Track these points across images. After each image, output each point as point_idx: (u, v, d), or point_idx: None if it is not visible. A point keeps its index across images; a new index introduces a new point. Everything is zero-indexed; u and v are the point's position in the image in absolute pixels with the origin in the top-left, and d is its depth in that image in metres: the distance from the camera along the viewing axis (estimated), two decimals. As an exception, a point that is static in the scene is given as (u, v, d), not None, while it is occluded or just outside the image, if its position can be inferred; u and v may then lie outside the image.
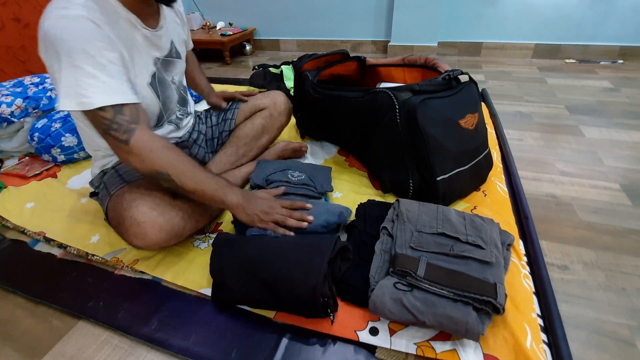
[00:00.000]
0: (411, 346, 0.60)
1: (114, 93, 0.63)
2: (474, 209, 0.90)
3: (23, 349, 0.67)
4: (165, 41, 0.82)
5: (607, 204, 0.97)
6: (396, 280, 0.63)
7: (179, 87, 0.93)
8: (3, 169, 1.25)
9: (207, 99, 1.15)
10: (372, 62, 1.30)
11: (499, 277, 0.61)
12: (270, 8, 2.76)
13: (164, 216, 0.72)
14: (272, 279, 0.64)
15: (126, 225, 0.70)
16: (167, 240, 0.74)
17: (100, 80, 0.61)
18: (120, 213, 0.71)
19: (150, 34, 0.77)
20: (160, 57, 0.82)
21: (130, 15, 0.71)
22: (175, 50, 0.88)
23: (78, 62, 0.59)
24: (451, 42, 2.47)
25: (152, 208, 0.71)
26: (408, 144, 0.87)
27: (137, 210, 0.70)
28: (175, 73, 0.89)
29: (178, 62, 0.89)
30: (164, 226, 0.72)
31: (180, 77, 0.93)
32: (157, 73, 0.81)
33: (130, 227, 0.70)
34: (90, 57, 0.60)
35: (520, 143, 1.30)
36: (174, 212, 0.75)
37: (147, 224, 0.70)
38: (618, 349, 0.62)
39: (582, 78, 1.94)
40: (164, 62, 0.83)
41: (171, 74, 0.87)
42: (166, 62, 0.84)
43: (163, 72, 0.83)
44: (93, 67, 0.60)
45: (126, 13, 0.70)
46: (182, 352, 0.63)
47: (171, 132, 0.92)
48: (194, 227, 0.82)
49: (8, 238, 0.95)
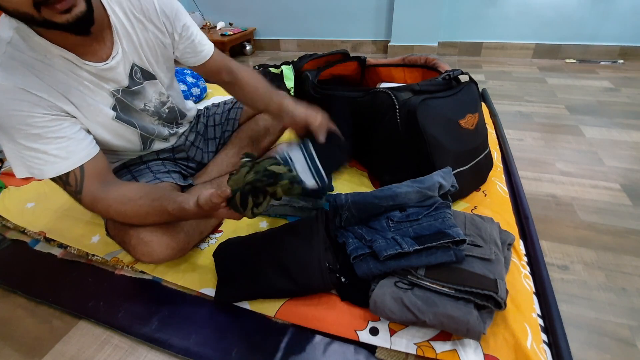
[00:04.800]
0: (411, 346, 0.59)
1: (57, 162, 0.62)
2: (474, 209, 0.90)
3: (23, 349, 0.67)
4: (121, 71, 0.69)
5: (607, 204, 0.97)
6: (397, 279, 0.63)
7: (162, 112, 0.83)
8: (3, 169, 1.26)
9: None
10: (372, 62, 1.30)
11: (500, 274, 0.61)
12: (270, 8, 2.75)
13: (169, 233, 0.73)
14: (278, 260, 0.67)
15: (132, 244, 0.71)
16: (174, 256, 0.74)
17: (41, 151, 0.60)
18: (125, 231, 0.72)
19: (98, 70, 0.65)
20: (119, 88, 0.71)
21: (65, 53, 0.60)
22: (143, 73, 0.74)
23: (14, 137, 0.58)
24: (451, 42, 2.47)
25: (157, 227, 0.71)
26: (408, 144, 0.87)
27: (143, 229, 0.70)
28: (149, 99, 0.78)
29: (151, 84, 0.77)
30: (170, 243, 0.72)
31: (163, 98, 0.82)
32: (119, 106, 0.72)
33: (137, 245, 0.70)
34: (22, 132, 0.58)
35: (521, 143, 1.30)
36: (179, 228, 0.75)
37: (154, 243, 0.70)
38: (618, 349, 0.62)
39: (582, 78, 1.93)
40: (127, 92, 0.73)
41: (142, 101, 0.77)
42: (131, 92, 0.74)
43: (128, 102, 0.74)
44: (27, 140, 0.58)
45: (60, 51, 0.60)
46: (182, 352, 0.63)
47: (163, 144, 0.90)
48: (198, 239, 0.83)
49: (8, 238, 0.95)
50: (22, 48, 0.57)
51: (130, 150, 0.83)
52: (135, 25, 0.70)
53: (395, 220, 0.72)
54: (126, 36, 0.69)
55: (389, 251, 0.63)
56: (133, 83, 0.73)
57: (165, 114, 0.86)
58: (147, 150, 0.87)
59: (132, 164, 0.87)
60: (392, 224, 0.72)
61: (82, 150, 0.65)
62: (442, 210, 0.71)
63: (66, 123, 0.63)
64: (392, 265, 0.63)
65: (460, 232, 0.64)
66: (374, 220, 0.75)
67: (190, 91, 1.70)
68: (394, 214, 0.73)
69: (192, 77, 1.73)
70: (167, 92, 0.83)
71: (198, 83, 1.74)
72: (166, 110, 0.85)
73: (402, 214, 0.73)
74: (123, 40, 0.68)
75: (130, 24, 0.69)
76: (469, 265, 0.62)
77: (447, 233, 0.64)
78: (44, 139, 0.60)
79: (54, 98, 0.60)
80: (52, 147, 0.60)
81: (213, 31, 2.72)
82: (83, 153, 0.65)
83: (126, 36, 0.69)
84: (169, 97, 0.85)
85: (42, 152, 0.60)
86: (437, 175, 0.77)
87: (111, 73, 0.68)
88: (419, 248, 0.62)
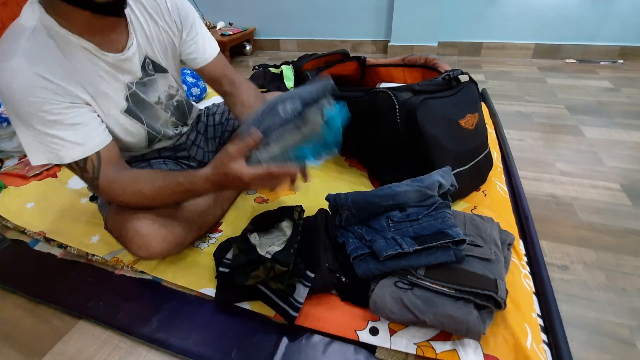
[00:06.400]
0: (411, 346, 0.59)
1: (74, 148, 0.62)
2: (474, 209, 0.90)
3: (23, 349, 0.67)
4: (136, 62, 0.72)
5: (607, 204, 0.97)
6: (397, 279, 0.63)
7: (170, 105, 0.84)
8: (3, 169, 1.25)
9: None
10: (372, 62, 1.30)
11: (499, 274, 0.62)
12: (270, 8, 2.75)
13: (166, 227, 0.73)
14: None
15: (129, 237, 0.71)
16: (170, 250, 0.74)
17: (58, 137, 0.61)
18: (122, 224, 0.72)
19: (115, 60, 0.67)
20: (134, 80, 0.73)
21: (85, 42, 0.62)
22: (154, 65, 0.77)
23: (32, 123, 0.59)
24: (451, 42, 2.47)
25: (154, 219, 0.71)
26: (408, 144, 0.87)
27: (140, 222, 0.70)
28: (161, 91, 0.80)
29: (162, 77, 0.79)
30: (167, 237, 0.72)
31: (173, 91, 0.84)
32: (132, 98, 0.73)
33: (133, 238, 0.70)
34: (40, 118, 0.58)
35: (521, 143, 1.30)
36: (176, 222, 0.75)
37: (151, 236, 0.70)
38: (618, 349, 0.62)
39: (582, 78, 1.93)
40: (140, 84, 0.75)
41: (155, 93, 0.79)
42: (143, 84, 0.75)
43: (142, 94, 0.75)
44: (45, 127, 0.59)
45: (79, 41, 0.61)
46: (182, 352, 0.63)
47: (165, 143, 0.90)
48: (196, 235, 0.83)
49: (8, 238, 0.95)
50: (44, 37, 0.58)
51: (135, 148, 0.83)
52: (148, 21, 0.73)
53: (395, 220, 0.72)
54: (139, 28, 0.71)
55: (389, 251, 0.63)
56: (145, 74, 0.75)
57: (174, 107, 0.86)
58: (151, 148, 0.87)
59: (134, 161, 0.88)
60: (392, 224, 0.72)
61: (97, 136, 0.66)
62: (442, 210, 0.71)
63: (83, 110, 0.64)
64: (392, 265, 0.63)
65: (460, 232, 0.64)
66: (373, 220, 0.75)
67: (190, 91, 1.71)
68: (393, 214, 0.73)
69: (192, 77, 1.73)
70: (176, 85, 0.85)
71: (198, 83, 1.74)
72: (175, 103, 0.86)
73: (402, 214, 0.73)
74: (137, 32, 0.71)
75: (144, 18, 0.72)
76: (469, 265, 0.62)
77: (447, 233, 0.64)
78: (60, 125, 0.61)
79: (72, 86, 0.62)
80: (69, 133, 0.62)
81: (213, 31, 2.72)
82: (99, 139, 0.66)
83: (139, 28, 0.71)
84: (177, 90, 0.86)
85: (60, 138, 0.61)
86: (437, 175, 0.77)
87: (127, 64, 0.70)
88: (419, 248, 0.62)
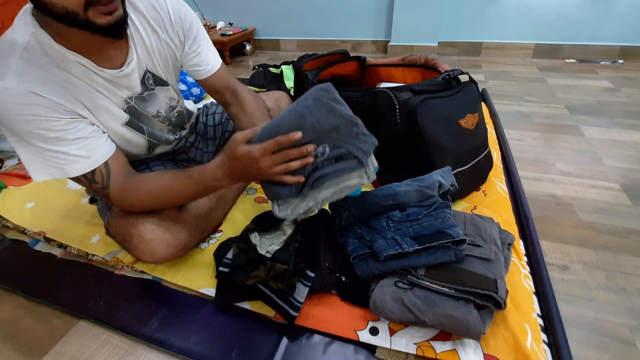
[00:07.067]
0: (411, 346, 0.59)
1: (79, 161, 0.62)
2: (474, 208, 0.90)
3: (23, 349, 0.67)
4: (135, 78, 0.70)
5: (607, 204, 0.97)
6: (397, 279, 0.63)
7: (172, 116, 0.84)
8: (3, 169, 1.26)
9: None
10: (372, 62, 1.30)
11: (499, 274, 0.62)
12: (270, 8, 2.75)
13: (170, 232, 0.73)
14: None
15: (134, 243, 0.71)
16: (175, 255, 0.74)
17: (62, 152, 0.60)
18: (126, 230, 0.72)
19: (113, 76, 0.65)
20: (133, 95, 0.71)
21: (81, 59, 0.60)
22: (155, 79, 0.75)
23: (31, 141, 0.58)
24: (451, 42, 2.47)
25: (158, 224, 0.72)
26: (408, 143, 0.87)
27: (144, 228, 0.70)
28: (162, 104, 0.79)
29: (162, 90, 0.78)
30: (172, 242, 0.72)
31: (174, 102, 0.83)
32: (130, 112, 0.72)
33: (138, 244, 0.70)
34: (40, 136, 0.58)
35: (520, 143, 1.30)
36: (180, 226, 0.75)
37: (155, 241, 0.70)
38: (618, 348, 0.62)
39: (582, 78, 1.93)
40: (140, 99, 0.73)
41: (155, 107, 0.78)
42: (143, 99, 0.74)
43: (140, 109, 0.74)
44: (46, 143, 0.59)
45: (76, 57, 0.59)
46: (182, 352, 0.63)
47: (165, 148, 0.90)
48: (199, 238, 0.83)
49: (8, 238, 0.95)
50: (38, 53, 0.56)
51: (135, 155, 0.83)
52: (149, 33, 0.70)
53: (395, 220, 0.72)
54: (140, 42, 0.69)
55: (389, 251, 0.63)
56: (145, 89, 0.73)
57: (175, 118, 0.86)
58: (151, 154, 0.87)
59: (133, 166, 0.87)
60: (392, 224, 0.72)
61: (102, 147, 0.66)
62: (442, 210, 0.71)
63: (82, 124, 0.63)
64: (392, 265, 0.63)
65: (460, 232, 0.64)
66: (373, 220, 0.75)
67: (190, 91, 1.71)
68: (393, 214, 0.73)
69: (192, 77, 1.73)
70: (177, 97, 0.84)
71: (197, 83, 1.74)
72: (175, 114, 0.86)
73: (402, 214, 0.73)
74: (137, 46, 0.68)
75: (145, 31, 0.69)
76: (469, 265, 0.62)
77: (447, 233, 0.64)
78: (62, 141, 0.60)
79: (69, 103, 0.61)
80: (72, 147, 0.61)
81: (213, 31, 2.72)
82: (104, 150, 0.66)
83: (140, 42, 0.69)
84: (178, 102, 0.86)
85: (64, 153, 0.61)
86: (437, 174, 0.77)
87: (126, 80, 0.68)
88: (419, 248, 0.62)
